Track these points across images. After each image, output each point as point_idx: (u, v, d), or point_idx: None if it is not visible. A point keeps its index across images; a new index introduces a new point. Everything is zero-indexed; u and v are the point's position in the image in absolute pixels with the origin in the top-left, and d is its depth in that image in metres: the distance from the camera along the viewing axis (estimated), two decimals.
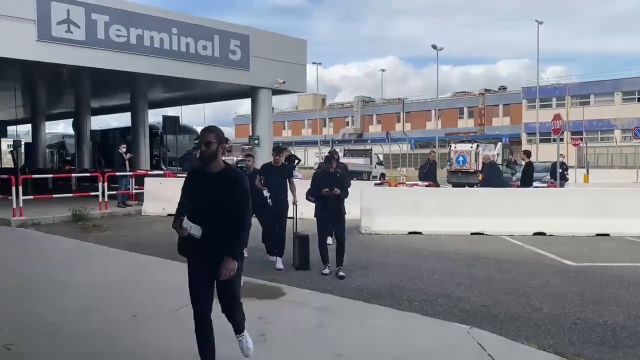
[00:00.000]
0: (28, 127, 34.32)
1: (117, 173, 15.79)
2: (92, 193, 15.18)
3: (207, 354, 3.82)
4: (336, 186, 7.49)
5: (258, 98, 19.58)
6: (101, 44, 14.71)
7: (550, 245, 9.92)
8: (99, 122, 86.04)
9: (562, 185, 15.81)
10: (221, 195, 3.71)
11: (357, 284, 7.08)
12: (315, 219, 7.80)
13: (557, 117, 15.01)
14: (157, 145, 25.51)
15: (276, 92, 20.20)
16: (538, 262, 8.58)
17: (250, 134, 20.72)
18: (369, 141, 58.27)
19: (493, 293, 6.68)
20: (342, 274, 7.41)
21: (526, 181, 14.70)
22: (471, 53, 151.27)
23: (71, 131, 31.83)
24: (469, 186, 18.18)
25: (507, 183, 17.82)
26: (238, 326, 4.03)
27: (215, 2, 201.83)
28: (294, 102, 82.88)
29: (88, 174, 18.98)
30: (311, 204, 7.81)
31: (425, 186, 15.47)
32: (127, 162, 15.98)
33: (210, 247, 3.68)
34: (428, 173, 16.47)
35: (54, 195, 15.52)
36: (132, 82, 19.60)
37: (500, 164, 21.35)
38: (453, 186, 22.32)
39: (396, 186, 18.81)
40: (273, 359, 4.45)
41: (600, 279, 7.39)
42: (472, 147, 25.33)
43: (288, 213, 8.39)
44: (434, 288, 6.93)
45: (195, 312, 3.78)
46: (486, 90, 66.53)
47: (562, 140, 32.01)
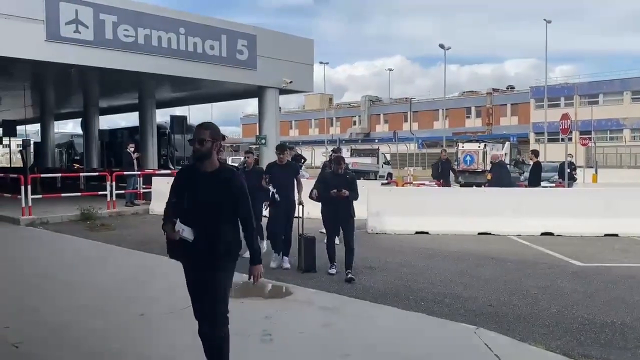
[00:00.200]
0: (37, 127, 34.53)
1: (125, 172, 15.87)
2: (100, 192, 15.30)
3: None
4: (345, 188, 7.32)
5: (265, 98, 19.62)
6: (109, 44, 14.81)
7: (558, 245, 9.87)
8: (108, 122, 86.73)
9: (570, 185, 15.72)
10: (216, 196, 3.51)
11: (364, 284, 7.08)
12: (321, 218, 7.77)
13: (565, 117, 14.93)
14: (165, 144, 25.63)
15: (283, 92, 20.23)
16: (546, 263, 8.53)
17: (257, 134, 20.77)
18: (376, 140, 58.23)
19: (500, 293, 6.65)
20: (351, 277, 7.20)
21: (534, 181, 14.61)
22: (479, 52, 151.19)
23: (80, 131, 32.05)
24: (477, 186, 18.14)
25: (515, 183, 17.76)
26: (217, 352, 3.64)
27: (222, 2, 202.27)
28: (301, 102, 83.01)
29: (96, 174, 19.10)
30: (318, 203, 7.78)
31: (439, 185, 15.53)
32: (135, 162, 16.06)
33: (202, 250, 3.49)
34: (442, 172, 16.54)
35: (63, 194, 15.67)
36: (140, 82, 19.70)
37: (508, 164, 21.27)
38: (460, 186, 22.28)
39: (403, 186, 18.83)
40: (279, 359, 4.46)
41: (608, 280, 7.34)
42: (480, 147, 25.29)
43: (295, 212, 8.27)
44: (441, 288, 6.91)
45: (195, 312, 3.68)
46: (494, 89, 66.29)
47: (571, 139, 31.85)
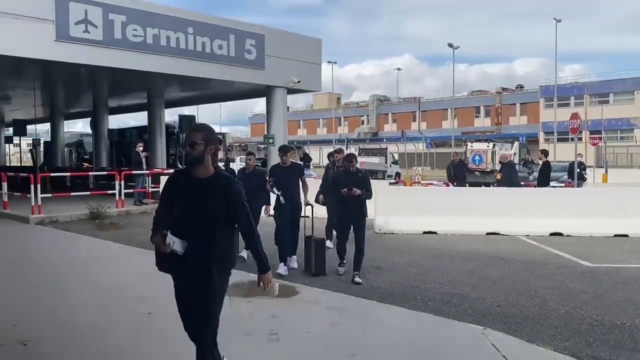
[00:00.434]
0: (47, 126, 34.80)
1: (134, 172, 15.94)
2: (109, 191, 15.37)
3: None
4: (357, 187, 7.17)
5: (273, 97, 19.64)
6: (118, 44, 14.89)
7: (567, 245, 9.79)
8: (117, 121, 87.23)
9: (580, 185, 15.61)
10: (210, 205, 3.22)
11: (371, 284, 7.06)
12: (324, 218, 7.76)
13: (575, 116, 14.81)
14: (174, 144, 25.73)
15: (291, 91, 20.24)
16: (554, 263, 8.47)
17: (265, 133, 20.80)
18: (384, 140, 58.07)
19: (508, 294, 6.61)
20: (359, 280, 7.08)
21: (543, 181, 14.52)
22: (488, 52, 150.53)
23: (89, 130, 32.25)
24: (485, 185, 18.06)
25: (520, 182, 17.68)
26: None
27: (230, 1, 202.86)
28: (309, 101, 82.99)
29: (105, 173, 19.20)
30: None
31: (455, 185, 15.54)
32: (144, 161, 16.12)
33: (194, 265, 3.26)
34: (455, 174, 16.53)
35: (72, 193, 15.77)
36: (149, 82, 19.79)
37: (517, 164, 21.17)
38: (469, 185, 22.17)
39: (411, 185, 18.78)
40: (285, 358, 4.46)
41: (618, 280, 7.27)
42: (489, 147, 25.16)
43: (301, 213, 8.11)
44: (448, 288, 6.88)
45: (186, 328, 3.43)
46: (503, 89, 65.87)
47: (581, 139, 31.61)
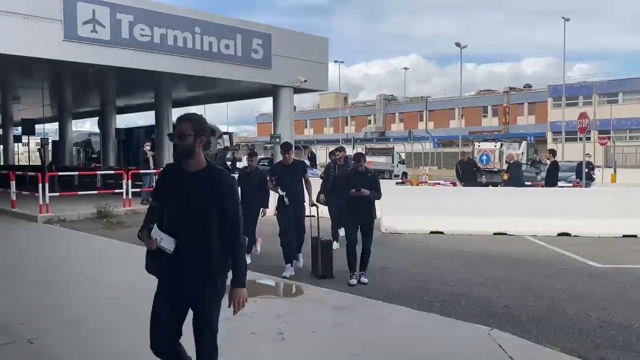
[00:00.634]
0: (55, 126, 34.97)
1: (141, 171, 16.00)
2: (117, 190, 15.44)
3: None
4: (367, 187, 6.91)
5: (279, 96, 19.65)
6: (126, 44, 14.96)
7: (574, 246, 9.73)
8: (125, 121, 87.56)
9: (588, 185, 15.51)
10: (200, 200, 3.03)
11: (377, 284, 7.04)
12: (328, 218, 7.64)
13: (583, 116, 14.70)
14: None
15: (298, 91, 20.24)
16: (562, 263, 8.43)
17: (272, 133, 20.82)
18: (391, 139, 57.92)
19: (515, 294, 6.58)
20: (365, 280, 7.03)
21: (550, 181, 14.45)
22: (496, 51, 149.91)
23: (97, 129, 32.38)
24: (492, 185, 18.00)
25: (524, 183, 17.60)
26: None
27: (238, 1, 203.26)
28: (316, 101, 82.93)
29: (112, 172, 19.27)
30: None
31: (464, 184, 15.46)
32: (151, 160, 16.18)
33: (184, 266, 3.07)
34: (463, 174, 16.37)
35: (80, 192, 15.85)
36: (156, 81, 19.83)
37: (525, 163, 21.08)
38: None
39: (418, 185, 18.75)
40: (291, 358, 4.45)
41: (626, 281, 7.22)
42: (496, 146, 25.08)
43: (306, 213, 7.87)
44: (455, 288, 6.85)
45: (152, 347, 3.14)
46: (511, 88, 65.60)
47: (589, 139, 31.42)
